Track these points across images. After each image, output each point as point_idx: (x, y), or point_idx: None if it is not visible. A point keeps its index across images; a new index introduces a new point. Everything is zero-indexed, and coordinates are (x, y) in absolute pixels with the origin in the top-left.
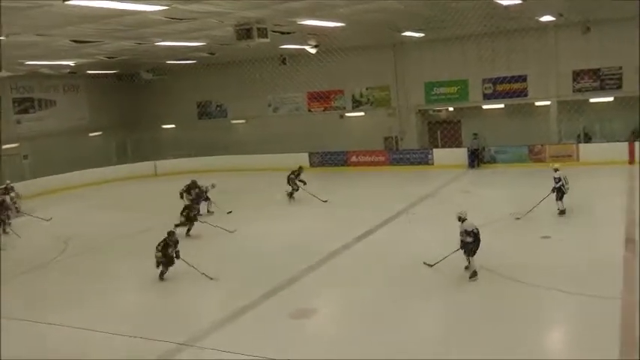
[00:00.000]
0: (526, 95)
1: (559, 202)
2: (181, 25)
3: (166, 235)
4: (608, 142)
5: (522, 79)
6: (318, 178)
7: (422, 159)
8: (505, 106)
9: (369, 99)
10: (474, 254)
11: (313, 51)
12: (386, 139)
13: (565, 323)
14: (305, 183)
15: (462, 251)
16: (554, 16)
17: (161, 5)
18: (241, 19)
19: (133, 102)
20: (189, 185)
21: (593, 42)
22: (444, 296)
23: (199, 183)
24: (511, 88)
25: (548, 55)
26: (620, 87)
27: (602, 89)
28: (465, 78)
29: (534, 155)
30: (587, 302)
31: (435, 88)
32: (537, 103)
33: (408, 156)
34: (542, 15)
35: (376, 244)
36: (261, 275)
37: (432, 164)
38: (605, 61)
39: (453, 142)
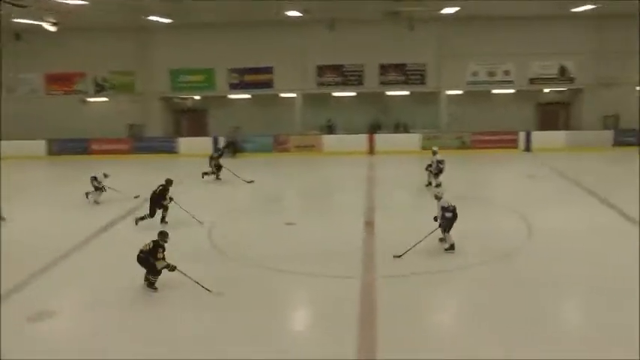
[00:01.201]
0: (272, 87)
1: (436, 179)
2: None
3: (158, 236)
4: (349, 133)
5: (269, 70)
6: (57, 167)
7: (167, 147)
8: (252, 96)
9: (112, 84)
10: (450, 229)
11: (53, 29)
12: (130, 126)
13: (309, 305)
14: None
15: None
16: (300, 12)
17: None
18: None
19: None
20: None
21: (338, 39)
22: (193, 286)
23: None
24: (257, 79)
25: (294, 49)
26: (361, 83)
27: (344, 84)
28: (211, 67)
29: (279, 145)
30: (330, 283)
31: (181, 76)
32: (283, 95)
33: (152, 144)
34: (289, 10)
35: (118, 236)
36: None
37: (178, 153)
38: (349, 58)
39: (199, 130)
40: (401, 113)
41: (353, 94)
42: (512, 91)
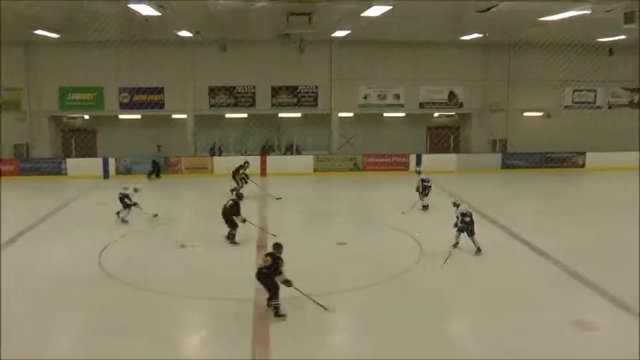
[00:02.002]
0: (163, 107)
1: (426, 198)
2: None
3: (274, 249)
4: (242, 155)
5: (160, 90)
6: None
7: (54, 169)
8: (142, 116)
9: None
10: (474, 233)
11: None
12: (15, 146)
13: (202, 328)
14: (245, 182)
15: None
16: (191, 33)
17: None
18: None
19: None
20: None
21: (230, 61)
22: (85, 310)
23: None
24: (148, 99)
25: (186, 70)
26: (253, 105)
27: (236, 106)
28: (101, 85)
29: (170, 167)
30: (223, 306)
31: (70, 94)
32: (174, 116)
33: (39, 165)
34: (181, 30)
35: (8, 260)
36: None
37: (66, 174)
38: (240, 79)
39: (88, 151)
40: (293, 135)
41: (245, 115)
42: (402, 114)
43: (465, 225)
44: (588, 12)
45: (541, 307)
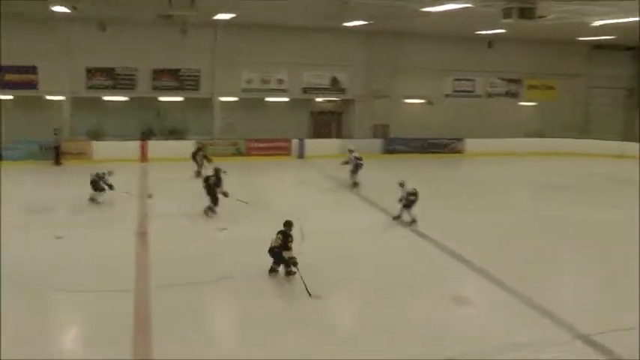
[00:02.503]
0: (36, 88)
1: (355, 176)
2: None
3: (285, 227)
4: (122, 140)
5: (33, 70)
6: None
7: None
8: (14, 97)
9: None
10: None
11: None
12: None
13: (79, 323)
14: (210, 160)
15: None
16: (68, 8)
17: None
18: None
19: None
20: None
21: (109, 41)
22: None
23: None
24: (20, 78)
25: (61, 49)
26: (133, 87)
27: (115, 88)
28: None
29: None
30: (100, 298)
31: None
32: (49, 97)
33: None
34: (55, 5)
35: None
36: None
37: None
38: (120, 61)
39: None
40: (175, 119)
41: (125, 98)
42: (286, 99)
43: (411, 202)
44: (469, 5)
45: (422, 286)
